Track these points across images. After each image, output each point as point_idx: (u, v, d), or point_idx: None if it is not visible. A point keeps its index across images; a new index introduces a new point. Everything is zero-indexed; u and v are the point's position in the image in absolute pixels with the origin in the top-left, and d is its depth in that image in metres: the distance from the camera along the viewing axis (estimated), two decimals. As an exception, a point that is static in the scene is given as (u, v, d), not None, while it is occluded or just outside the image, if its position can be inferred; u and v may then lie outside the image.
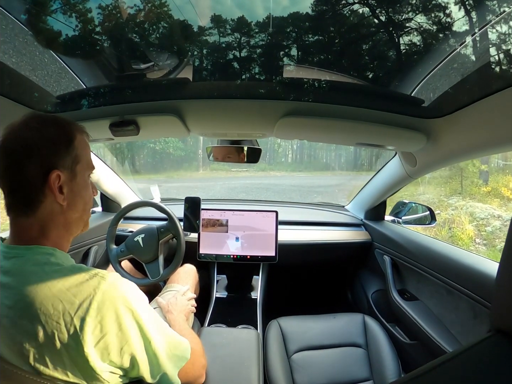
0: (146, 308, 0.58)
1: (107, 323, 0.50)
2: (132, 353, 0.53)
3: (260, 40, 0.70)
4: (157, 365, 0.58)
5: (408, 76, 0.76)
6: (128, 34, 0.68)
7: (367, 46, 0.72)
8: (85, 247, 1.47)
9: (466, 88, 0.70)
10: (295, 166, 14.67)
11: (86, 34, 0.66)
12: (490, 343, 0.39)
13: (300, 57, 0.74)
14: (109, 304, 0.50)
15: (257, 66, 0.77)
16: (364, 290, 1.71)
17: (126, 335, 0.52)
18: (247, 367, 0.94)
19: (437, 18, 0.60)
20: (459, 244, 4.64)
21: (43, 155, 0.54)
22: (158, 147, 11.65)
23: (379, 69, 0.79)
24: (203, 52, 0.73)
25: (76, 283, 0.51)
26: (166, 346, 0.60)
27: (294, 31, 0.68)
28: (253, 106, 0.91)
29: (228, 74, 0.82)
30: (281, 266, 1.53)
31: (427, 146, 0.98)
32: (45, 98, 0.86)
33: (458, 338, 1.05)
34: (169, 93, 0.88)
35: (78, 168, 0.59)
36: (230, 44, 0.70)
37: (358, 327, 1.32)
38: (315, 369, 1.16)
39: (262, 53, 0.74)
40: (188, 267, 1.40)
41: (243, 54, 0.72)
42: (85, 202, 0.63)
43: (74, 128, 0.60)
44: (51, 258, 0.54)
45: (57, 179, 0.55)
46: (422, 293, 1.29)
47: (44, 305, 0.48)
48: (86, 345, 0.48)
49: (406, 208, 1.70)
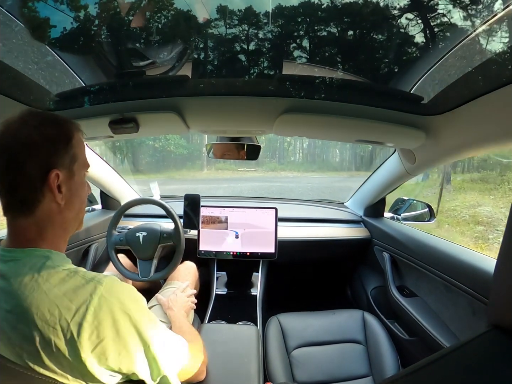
0: (143, 310, 0.57)
1: (104, 329, 0.49)
2: (130, 358, 0.53)
3: (259, 37, 0.70)
4: (156, 368, 0.57)
5: (407, 73, 0.76)
6: (126, 25, 0.68)
7: (366, 43, 0.72)
8: (85, 245, 1.47)
9: (465, 85, 0.70)
10: (307, 166, 13.71)
11: (84, 27, 0.66)
12: (487, 338, 0.39)
13: (299, 54, 0.74)
14: (105, 309, 0.50)
15: (257, 63, 0.77)
16: (363, 287, 1.72)
17: (124, 341, 0.51)
18: (247, 363, 0.95)
19: (436, 15, 0.60)
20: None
21: (42, 154, 0.53)
22: (157, 144, 11.17)
23: (378, 66, 0.79)
24: (203, 47, 0.73)
25: (72, 288, 0.50)
26: (165, 348, 0.59)
27: (293, 28, 0.68)
28: (253, 103, 0.91)
29: (227, 71, 0.82)
30: (281, 262, 1.54)
31: (426, 143, 0.98)
32: (44, 96, 0.85)
33: (457, 334, 1.06)
34: (169, 91, 0.88)
35: (76, 167, 0.59)
36: (229, 41, 0.70)
37: (357, 324, 1.32)
38: (314, 365, 1.17)
39: (261, 50, 0.74)
40: (188, 264, 1.41)
41: (242, 51, 0.72)
42: (81, 201, 0.63)
43: (72, 126, 0.60)
44: (47, 261, 0.53)
45: (56, 179, 0.54)
46: (421, 290, 1.30)
47: (40, 310, 0.48)
48: (83, 350, 0.47)
49: (406, 204, 1.70)
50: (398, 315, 1.36)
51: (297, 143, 14.40)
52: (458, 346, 0.39)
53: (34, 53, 0.72)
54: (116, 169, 1.64)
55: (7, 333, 0.49)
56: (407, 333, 1.31)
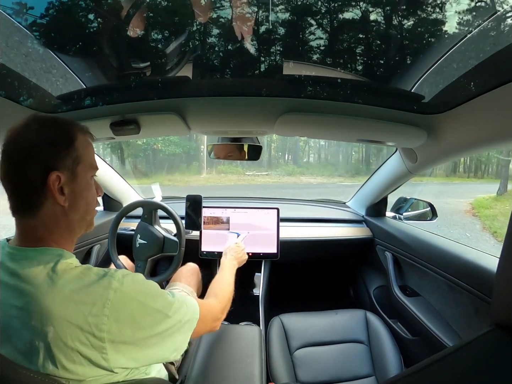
0: (157, 295, 0.60)
1: (123, 320, 0.52)
2: (150, 345, 0.56)
3: (260, 36, 0.69)
4: (172, 345, 0.61)
5: (408, 72, 0.76)
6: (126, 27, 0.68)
7: (367, 43, 0.72)
8: (87, 246, 1.48)
9: (466, 83, 0.70)
10: (331, 169, 11.89)
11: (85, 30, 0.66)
12: (490, 337, 0.39)
13: (300, 54, 0.74)
14: (122, 302, 0.52)
15: (257, 63, 0.77)
16: (366, 286, 1.72)
17: (143, 330, 0.54)
18: (250, 364, 0.95)
19: (437, 14, 0.60)
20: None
21: (41, 157, 0.54)
22: (140, 141, 8.93)
23: (379, 65, 0.78)
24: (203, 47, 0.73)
25: (86, 284, 0.52)
26: (180, 322, 0.62)
27: (294, 28, 0.68)
28: (254, 104, 0.91)
29: (228, 72, 0.82)
30: (283, 262, 1.53)
31: (428, 142, 0.97)
32: (45, 99, 0.86)
33: (460, 333, 1.05)
34: (170, 92, 0.88)
35: (80, 169, 0.59)
36: (229, 40, 0.70)
37: (360, 323, 1.32)
38: (317, 365, 1.16)
39: (262, 50, 0.73)
40: (191, 265, 1.41)
41: (243, 51, 0.72)
42: (87, 203, 0.63)
43: (75, 128, 0.60)
44: (61, 259, 0.55)
45: (57, 181, 0.55)
46: (424, 289, 1.29)
47: (56, 306, 0.49)
48: (103, 343, 0.50)
49: (407, 204, 1.69)
50: (400, 315, 1.36)
51: (314, 142, 12.61)
52: (461, 346, 0.39)
53: (35, 56, 0.72)
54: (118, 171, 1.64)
55: (18, 330, 0.49)
56: (410, 333, 1.30)
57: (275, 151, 14.05)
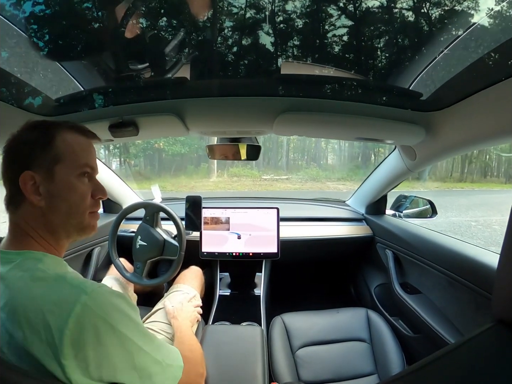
0: (129, 321, 0.55)
1: (85, 337, 0.48)
2: (113, 368, 0.51)
3: (258, 36, 0.70)
4: (148, 378, 0.55)
5: (406, 69, 0.76)
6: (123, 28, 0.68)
7: (364, 40, 0.72)
8: (87, 249, 1.47)
9: (464, 80, 0.70)
10: (360, 172, 10.28)
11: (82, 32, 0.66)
12: (491, 333, 0.39)
13: (298, 53, 0.74)
14: (87, 318, 0.49)
15: (255, 63, 0.77)
16: (366, 285, 1.72)
17: (106, 350, 0.50)
18: (252, 364, 0.95)
19: (434, 10, 0.60)
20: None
21: (18, 157, 0.57)
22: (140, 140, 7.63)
23: (376, 63, 0.79)
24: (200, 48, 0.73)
25: (57, 293, 0.50)
26: (154, 358, 0.57)
27: (292, 27, 0.68)
28: (252, 103, 0.91)
29: (225, 72, 0.82)
30: (284, 262, 1.53)
31: (426, 139, 0.98)
32: (44, 102, 0.86)
33: (461, 330, 1.06)
34: (168, 93, 0.88)
35: (58, 168, 0.58)
36: (226, 41, 0.70)
37: (361, 322, 1.32)
38: (319, 364, 1.16)
39: (260, 50, 0.74)
40: (194, 268, 1.41)
41: (240, 51, 0.72)
42: (69, 205, 0.59)
43: (55, 127, 0.60)
44: (39, 264, 0.54)
45: (31, 180, 0.55)
46: (425, 286, 1.30)
47: (26, 312, 0.48)
48: (63, 356, 0.46)
49: (407, 201, 1.69)
50: (402, 312, 1.36)
51: (334, 141, 10.49)
52: (462, 342, 0.39)
53: (33, 60, 0.72)
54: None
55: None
56: (412, 330, 1.30)
57: (292, 153, 12.63)
